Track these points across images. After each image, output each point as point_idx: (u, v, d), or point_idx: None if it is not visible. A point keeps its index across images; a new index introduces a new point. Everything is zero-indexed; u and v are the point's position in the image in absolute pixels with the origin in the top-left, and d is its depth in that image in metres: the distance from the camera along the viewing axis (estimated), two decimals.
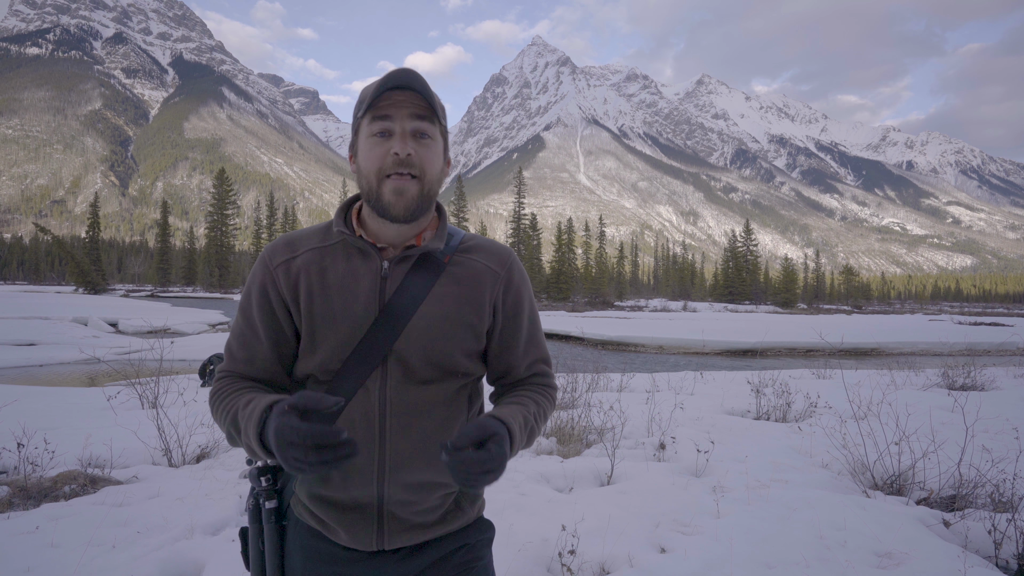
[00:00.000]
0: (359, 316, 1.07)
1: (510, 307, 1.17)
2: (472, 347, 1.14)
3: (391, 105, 1.04)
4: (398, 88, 1.04)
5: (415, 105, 1.05)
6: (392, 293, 1.08)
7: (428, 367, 1.08)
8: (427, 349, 1.07)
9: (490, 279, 1.15)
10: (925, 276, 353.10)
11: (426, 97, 1.05)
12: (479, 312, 1.13)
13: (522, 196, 70.99)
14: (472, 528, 1.18)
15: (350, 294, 1.08)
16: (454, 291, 1.11)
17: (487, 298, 1.14)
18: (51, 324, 17.96)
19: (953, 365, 9.72)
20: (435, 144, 1.08)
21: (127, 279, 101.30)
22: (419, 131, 1.06)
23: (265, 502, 1.14)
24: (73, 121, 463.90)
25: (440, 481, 1.10)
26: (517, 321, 1.19)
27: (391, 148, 1.04)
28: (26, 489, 3.57)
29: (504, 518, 3.31)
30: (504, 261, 1.18)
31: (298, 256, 1.11)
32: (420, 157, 1.05)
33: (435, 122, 1.08)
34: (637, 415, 6.21)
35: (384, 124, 1.04)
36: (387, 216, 1.06)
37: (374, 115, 1.05)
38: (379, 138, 1.05)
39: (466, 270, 1.14)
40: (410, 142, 1.05)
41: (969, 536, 3.10)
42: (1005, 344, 20.03)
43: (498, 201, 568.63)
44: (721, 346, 19.49)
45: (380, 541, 1.09)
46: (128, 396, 6.74)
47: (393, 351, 1.06)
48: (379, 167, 1.05)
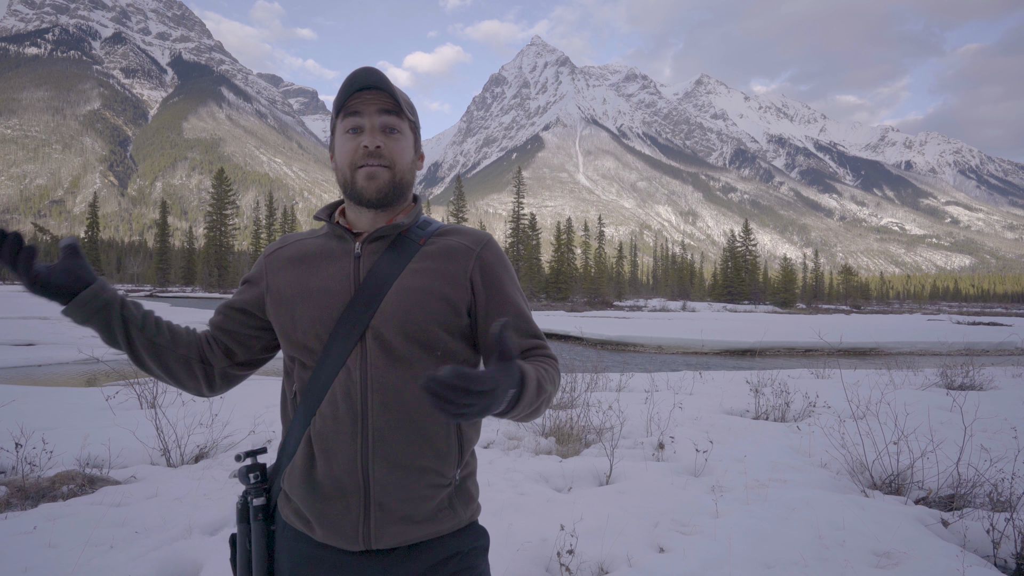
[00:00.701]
0: (334, 293, 1.10)
1: (489, 282, 1.16)
2: (451, 321, 1.11)
3: (359, 103, 1.11)
4: (365, 88, 1.11)
5: (382, 101, 1.12)
6: (366, 272, 1.12)
7: (406, 342, 1.08)
8: (403, 322, 1.07)
9: (464, 254, 1.16)
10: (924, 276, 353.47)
11: (391, 93, 1.11)
12: (454, 284, 1.13)
13: (521, 196, 70.97)
14: (465, 534, 1.14)
15: (325, 272, 1.13)
16: (428, 265, 1.13)
17: (461, 272, 1.14)
18: (50, 324, 17.94)
19: (951, 365, 9.73)
20: (404, 137, 1.15)
21: (126, 279, 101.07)
22: (388, 125, 1.12)
23: (253, 499, 1.15)
24: (72, 121, 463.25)
25: (427, 465, 1.07)
26: (501, 294, 1.17)
27: (362, 142, 1.11)
28: (24, 489, 3.57)
29: (503, 518, 3.31)
30: (479, 240, 1.20)
31: (287, 246, 1.22)
32: (390, 149, 1.12)
33: (403, 116, 1.14)
34: (636, 415, 6.21)
35: (355, 120, 1.11)
36: (361, 201, 1.12)
37: (345, 114, 1.12)
38: (351, 134, 1.12)
39: (440, 248, 1.16)
40: (379, 136, 1.11)
41: (967, 535, 3.10)
42: (1003, 344, 20.06)
43: (497, 201, 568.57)
44: (720, 346, 19.51)
45: (366, 536, 1.05)
46: (127, 396, 6.73)
47: (370, 327, 1.08)
48: (351, 159, 1.12)
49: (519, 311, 1.17)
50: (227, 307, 1.23)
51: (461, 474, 1.15)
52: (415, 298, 1.09)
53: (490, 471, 4.36)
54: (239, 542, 1.15)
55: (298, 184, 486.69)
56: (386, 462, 1.06)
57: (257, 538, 1.13)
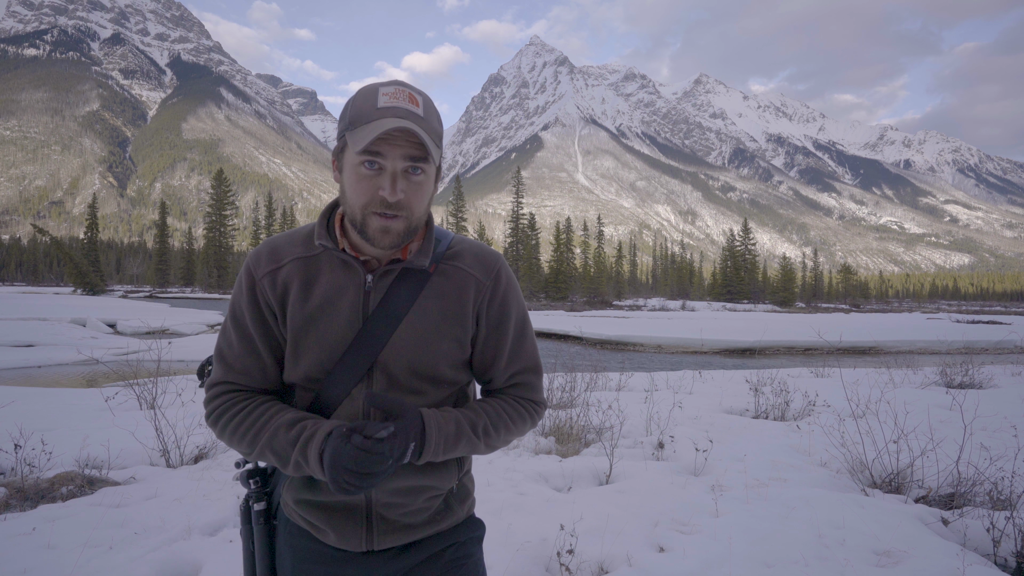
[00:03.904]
0: (342, 328, 1.07)
1: (495, 316, 1.16)
2: (457, 357, 1.13)
3: (383, 140, 0.98)
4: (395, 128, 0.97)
5: (411, 144, 0.99)
6: (375, 306, 1.07)
7: (412, 378, 1.08)
8: (411, 361, 1.07)
9: (474, 288, 1.13)
10: (923, 275, 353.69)
11: (422, 138, 0.98)
12: (463, 323, 1.12)
13: (520, 196, 70.89)
14: (462, 527, 1.19)
15: (333, 307, 1.07)
16: (438, 305, 1.10)
17: (471, 308, 1.13)
18: (49, 325, 17.90)
19: (951, 363, 9.73)
20: (426, 180, 1.04)
21: (125, 280, 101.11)
22: (412, 167, 1.01)
23: (254, 504, 1.17)
24: (71, 122, 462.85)
25: (427, 484, 1.11)
26: (501, 331, 1.17)
27: (379, 186, 1.00)
28: (23, 490, 3.56)
29: (502, 518, 3.31)
30: (491, 269, 1.15)
31: (283, 266, 1.10)
32: (409, 197, 1.01)
33: (429, 159, 1.02)
34: (636, 414, 6.21)
35: (375, 157, 0.99)
36: (372, 246, 1.05)
37: (366, 149, 0.98)
38: (367, 169, 1.00)
39: (450, 281, 1.12)
40: (400, 181, 1.00)
41: (968, 534, 3.10)
42: (1003, 342, 20.06)
43: (496, 201, 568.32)
44: (719, 345, 19.50)
45: (369, 542, 1.09)
46: (126, 397, 6.71)
47: (377, 362, 1.07)
48: (366, 202, 1.01)
49: (513, 350, 1.19)
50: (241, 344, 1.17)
51: (458, 478, 1.18)
52: (425, 338, 1.08)
53: (489, 471, 4.36)
54: (243, 542, 1.19)
55: (297, 184, 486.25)
56: (389, 488, 1.08)
57: (259, 540, 1.16)
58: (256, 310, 1.11)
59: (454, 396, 1.15)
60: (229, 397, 1.10)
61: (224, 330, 1.14)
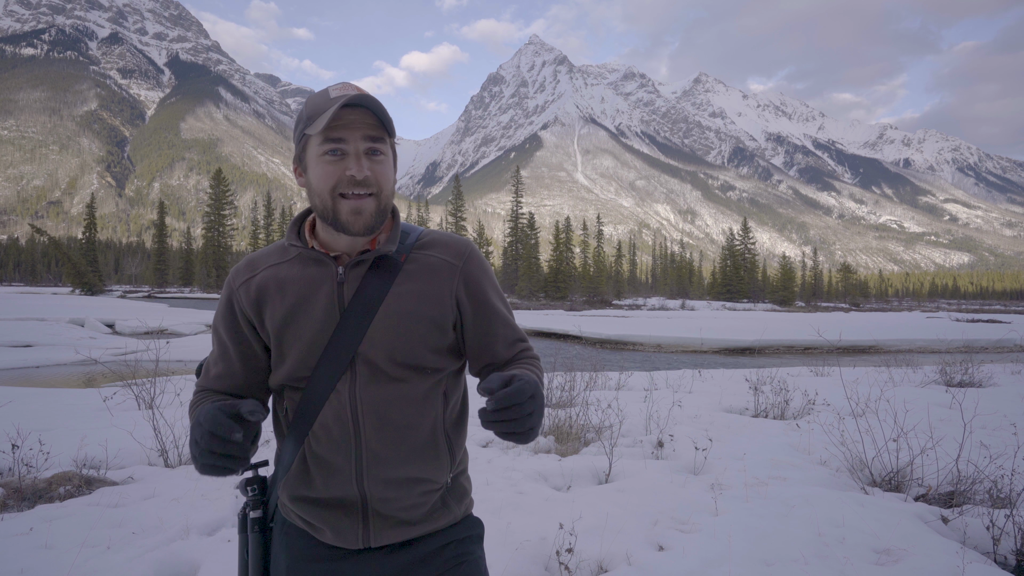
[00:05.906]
0: (320, 322, 1.08)
1: (476, 296, 1.17)
2: (438, 342, 1.13)
3: (343, 126, 1.03)
4: (349, 106, 1.03)
5: (368, 125, 1.05)
6: (351, 297, 1.09)
7: (394, 366, 1.09)
8: (391, 348, 1.08)
9: (447, 271, 1.15)
10: (922, 273, 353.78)
11: (378, 115, 1.05)
12: (440, 306, 1.13)
13: (520, 195, 70.92)
14: (460, 525, 1.19)
15: (309, 303, 1.10)
16: (412, 288, 1.11)
17: (446, 291, 1.14)
18: (47, 325, 17.88)
19: (951, 362, 9.73)
20: (387, 160, 1.09)
21: (124, 280, 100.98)
22: (372, 149, 1.05)
23: (250, 512, 1.16)
24: (69, 122, 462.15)
25: (421, 476, 1.11)
26: (488, 307, 1.18)
27: (346, 168, 1.04)
28: (20, 490, 3.55)
29: (502, 517, 3.30)
30: (461, 252, 1.17)
31: (257, 274, 1.15)
32: (376, 175, 1.06)
33: (386, 140, 1.08)
34: (635, 413, 6.20)
35: (337, 144, 1.04)
36: (346, 233, 1.07)
37: (326, 138, 1.03)
38: (331, 156, 1.04)
39: (422, 266, 1.14)
40: (364, 161, 1.05)
41: (967, 532, 3.10)
42: (1002, 341, 20.06)
43: (496, 200, 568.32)
44: (719, 344, 19.50)
45: (366, 539, 1.10)
46: (124, 397, 6.70)
47: (359, 353, 1.07)
48: (333, 185, 1.04)
49: (504, 321, 1.21)
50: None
51: (453, 474, 1.18)
52: (403, 324, 1.09)
53: (489, 470, 4.35)
54: (238, 550, 1.20)
55: (296, 184, 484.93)
56: (381, 479, 1.08)
57: (253, 549, 1.16)
58: (232, 320, 1.16)
59: (442, 385, 1.14)
60: (198, 396, 1.17)
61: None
